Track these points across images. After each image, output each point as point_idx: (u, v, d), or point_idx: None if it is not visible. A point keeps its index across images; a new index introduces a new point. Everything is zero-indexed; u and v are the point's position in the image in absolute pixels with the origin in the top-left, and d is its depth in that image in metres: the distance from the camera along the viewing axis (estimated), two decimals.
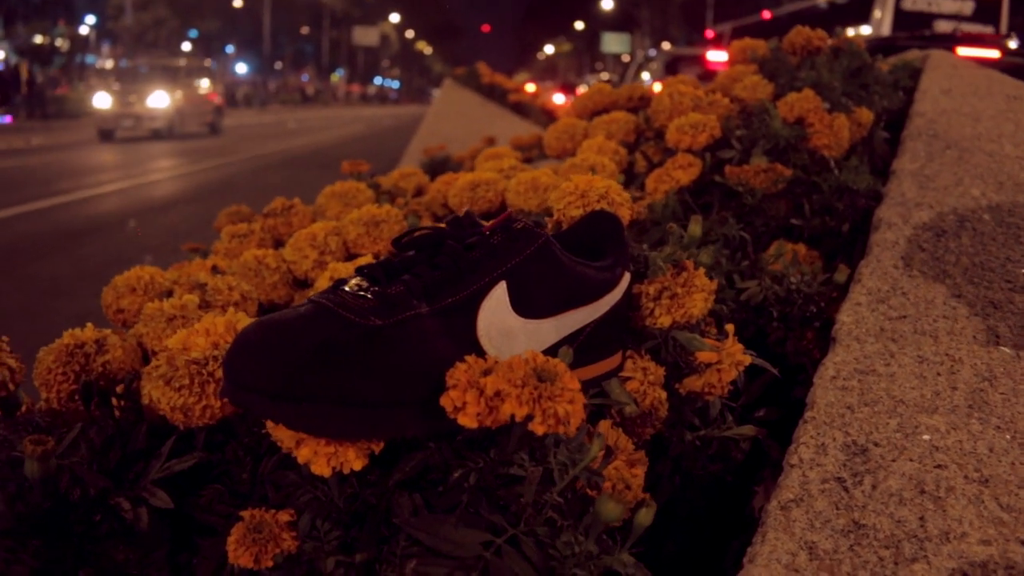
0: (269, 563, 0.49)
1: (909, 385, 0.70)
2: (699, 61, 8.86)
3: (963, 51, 3.46)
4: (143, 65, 15.62)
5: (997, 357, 0.74)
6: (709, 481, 0.72)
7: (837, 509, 0.57)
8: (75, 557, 0.52)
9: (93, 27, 33.19)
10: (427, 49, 70.92)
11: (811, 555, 0.53)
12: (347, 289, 0.52)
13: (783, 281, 0.94)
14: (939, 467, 0.60)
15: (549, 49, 66.98)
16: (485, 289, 0.53)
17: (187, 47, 34.38)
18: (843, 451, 0.63)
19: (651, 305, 0.65)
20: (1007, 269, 0.88)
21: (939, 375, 0.71)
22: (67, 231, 5.05)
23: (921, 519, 0.56)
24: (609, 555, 0.49)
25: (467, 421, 0.45)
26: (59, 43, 29.81)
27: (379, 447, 0.49)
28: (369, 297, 0.51)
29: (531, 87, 10.29)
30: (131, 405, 0.62)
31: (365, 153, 1.70)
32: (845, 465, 0.61)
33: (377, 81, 60.97)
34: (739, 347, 0.66)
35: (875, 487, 0.59)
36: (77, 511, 0.53)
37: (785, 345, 0.92)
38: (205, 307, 0.77)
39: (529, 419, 0.44)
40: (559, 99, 11.78)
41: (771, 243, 1.05)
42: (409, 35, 64.44)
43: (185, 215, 5.69)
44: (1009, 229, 0.97)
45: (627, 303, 0.64)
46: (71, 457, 0.54)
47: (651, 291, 0.65)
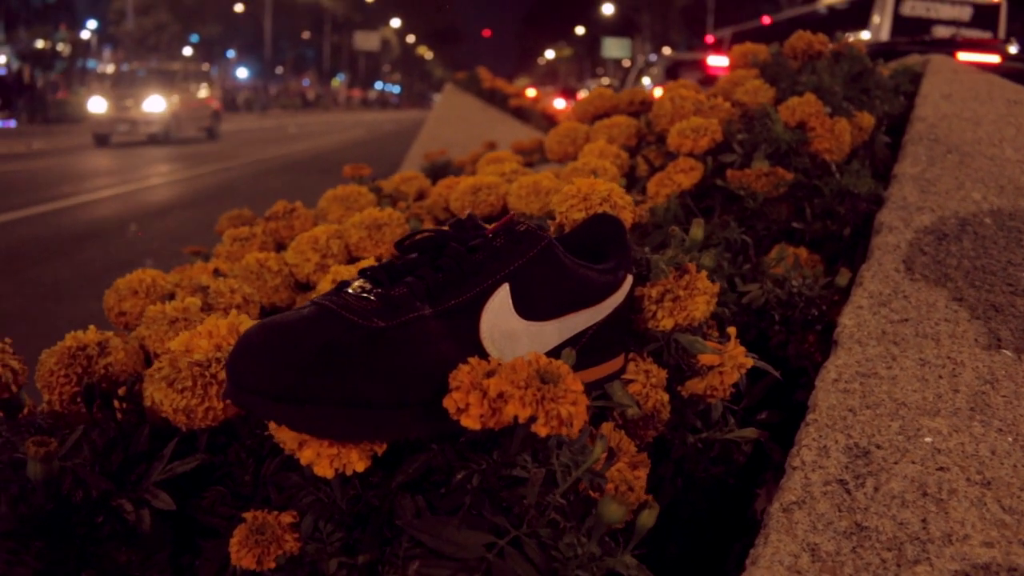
0: (271, 564, 0.49)
1: (911, 388, 0.70)
2: (700, 66, 8.87)
3: (964, 56, 3.47)
4: (140, 69, 15.46)
5: (999, 360, 0.74)
6: (711, 483, 0.72)
7: (839, 511, 0.57)
8: (77, 559, 0.52)
9: (95, 32, 33.29)
10: (428, 54, 71.05)
11: (813, 557, 0.53)
12: (350, 291, 0.52)
13: (785, 284, 0.95)
14: (941, 469, 0.60)
15: (550, 54, 67.08)
16: (488, 291, 0.53)
17: (188, 52, 34.45)
18: (845, 453, 0.63)
19: (653, 308, 0.65)
20: (1008, 272, 0.88)
21: (941, 378, 0.71)
22: (68, 235, 5.06)
23: (923, 521, 0.56)
24: (611, 557, 0.49)
25: (470, 423, 0.45)
26: (61, 47, 29.88)
27: (382, 449, 0.49)
28: (372, 299, 0.51)
29: (532, 92, 10.29)
30: (133, 407, 0.62)
31: (366, 158, 1.70)
32: (847, 467, 0.61)
33: (378, 86, 61.08)
34: (741, 350, 0.66)
35: (877, 489, 0.59)
36: (79, 513, 0.53)
37: (787, 348, 0.93)
38: (207, 310, 0.77)
39: (532, 421, 0.44)
40: (560, 104, 11.78)
41: (773, 247, 1.05)
42: (410, 40, 64.55)
43: (186, 219, 5.69)
44: (1010, 233, 0.97)
45: (629, 306, 0.64)
46: (73, 459, 0.54)
47: (653, 294, 0.65)
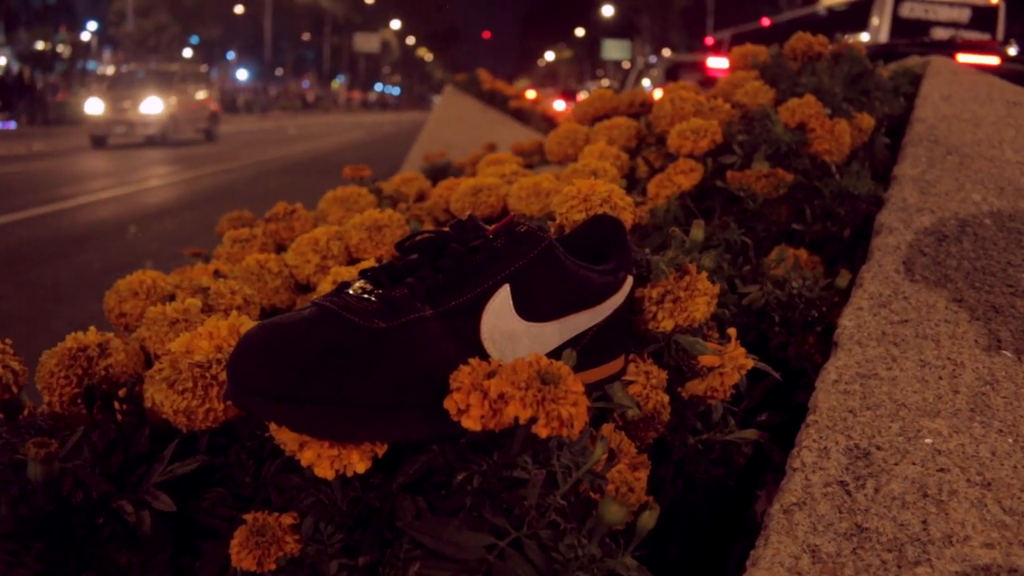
0: (272, 566, 0.49)
1: (911, 389, 0.70)
2: (699, 67, 8.88)
3: (963, 57, 3.47)
4: (138, 71, 15.29)
5: (999, 361, 0.74)
6: (711, 485, 0.72)
7: (840, 512, 0.57)
8: (78, 560, 0.52)
9: (95, 33, 33.30)
10: (428, 56, 71.09)
11: (814, 558, 0.53)
12: (351, 292, 0.52)
13: (785, 286, 0.95)
14: (941, 471, 0.60)
15: (550, 56, 67.13)
16: (489, 292, 0.53)
17: (188, 53, 34.46)
18: (845, 455, 0.63)
19: (654, 309, 0.65)
20: (1008, 273, 0.88)
21: (941, 379, 0.71)
22: (67, 237, 5.06)
23: (924, 522, 0.56)
24: (612, 558, 0.49)
25: (471, 424, 0.45)
26: (61, 49, 29.92)
27: (382, 450, 0.49)
28: (373, 300, 0.51)
29: (532, 93, 10.31)
30: (134, 408, 0.62)
31: (366, 159, 1.70)
32: (847, 469, 0.61)
33: (378, 87, 61.11)
34: (741, 351, 0.66)
35: (878, 490, 0.59)
36: (80, 514, 0.53)
37: (787, 349, 0.93)
38: (207, 311, 0.77)
39: (533, 422, 0.44)
40: (560, 105, 11.78)
41: (773, 248, 1.05)
42: (410, 42, 64.60)
43: (185, 221, 5.69)
44: (1010, 234, 0.97)
45: (630, 307, 0.64)
46: (74, 460, 0.54)
47: (654, 295, 0.65)
